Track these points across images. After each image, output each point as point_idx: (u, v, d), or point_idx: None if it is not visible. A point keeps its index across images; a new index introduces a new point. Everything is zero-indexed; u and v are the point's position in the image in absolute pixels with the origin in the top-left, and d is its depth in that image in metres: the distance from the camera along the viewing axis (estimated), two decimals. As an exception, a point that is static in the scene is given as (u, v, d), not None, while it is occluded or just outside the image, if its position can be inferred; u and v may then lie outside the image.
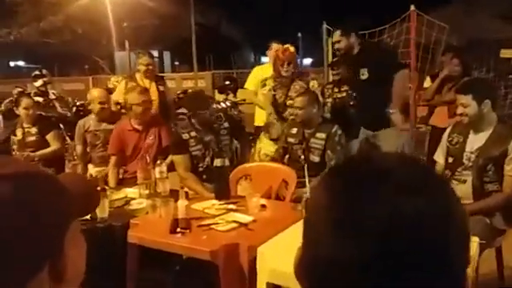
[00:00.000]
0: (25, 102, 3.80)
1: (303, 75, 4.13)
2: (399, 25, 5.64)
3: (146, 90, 3.57)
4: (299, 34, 7.63)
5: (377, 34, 5.86)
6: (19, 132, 3.78)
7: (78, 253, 0.61)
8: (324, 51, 6.38)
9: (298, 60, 4.50)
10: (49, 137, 3.81)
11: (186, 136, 3.04)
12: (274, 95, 3.98)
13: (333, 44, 3.77)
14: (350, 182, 0.52)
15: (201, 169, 3.04)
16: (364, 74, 3.65)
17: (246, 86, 4.69)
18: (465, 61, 4.29)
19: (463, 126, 2.58)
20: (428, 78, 4.57)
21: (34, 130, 3.77)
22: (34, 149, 3.72)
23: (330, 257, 0.49)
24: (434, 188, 0.52)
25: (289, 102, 3.91)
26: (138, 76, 4.27)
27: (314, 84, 4.07)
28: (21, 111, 3.76)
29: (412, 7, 5.01)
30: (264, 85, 4.06)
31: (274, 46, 4.38)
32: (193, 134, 3.04)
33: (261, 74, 4.36)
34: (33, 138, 3.76)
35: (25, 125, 3.79)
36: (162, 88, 4.33)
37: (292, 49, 3.95)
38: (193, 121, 3.11)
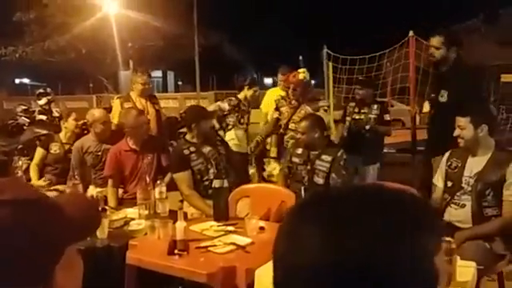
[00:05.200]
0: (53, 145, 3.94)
1: (314, 101, 4.15)
2: (398, 50, 5.73)
3: (142, 112, 3.60)
4: (300, 57, 7.77)
5: (377, 58, 5.96)
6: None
7: (73, 275, 0.62)
8: (324, 74, 6.46)
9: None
10: None
11: (186, 152, 3.08)
12: (278, 119, 4.06)
13: (427, 47, 3.38)
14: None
15: (206, 183, 3.06)
16: (443, 96, 3.33)
17: (261, 107, 4.83)
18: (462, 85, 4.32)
19: (462, 151, 2.60)
20: (427, 103, 4.61)
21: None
22: None
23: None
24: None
25: (291, 126, 3.96)
26: (133, 95, 4.25)
27: (324, 106, 4.05)
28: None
29: (411, 33, 5.10)
30: (278, 106, 4.15)
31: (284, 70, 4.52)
32: (192, 149, 3.09)
33: (274, 95, 4.47)
34: None
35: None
36: (157, 107, 4.36)
37: (301, 75, 4.00)
38: (187, 136, 3.17)
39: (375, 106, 4.33)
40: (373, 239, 0.48)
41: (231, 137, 4.41)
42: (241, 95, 4.56)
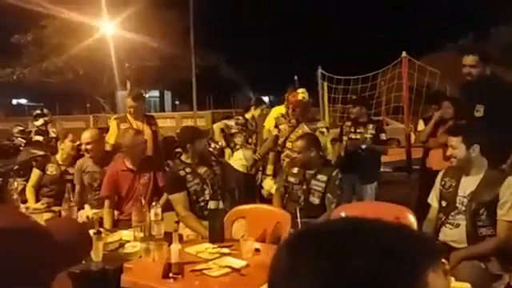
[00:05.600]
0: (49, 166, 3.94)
1: (313, 121, 4.17)
2: (392, 70, 5.82)
3: (139, 132, 3.62)
4: (295, 77, 7.87)
5: (370, 78, 6.05)
6: None
7: None
8: (319, 94, 6.53)
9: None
10: None
11: (182, 173, 3.08)
12: (277, 137, 4.10)
13: (463, 65, 3.35)
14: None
15: (202, 203, 3.06)
16: (479, 111, 3.29)
17: (264, 124, 4.89)
18: (457, 104, 4.39)
19: (455, 170, 2.62)
20: (421, 121, 4.66)
21: None
22: None
23: None
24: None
25: (288, 144, 3.99)
26: (129, 116, 4.28)
27: (322, 128, 4.04)
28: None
29: (404, 53, 5.19)
30: (277, 124, 4.19)
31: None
32: (188, 169, 3.09)
33: (277, 113, 4.51)
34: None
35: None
36: (154, 127, 4.38)
37: (300, 96, 4.03)
38: (182, 157, 3.18)
39: (371, 126, 4.39)
40: (370, 274, 0.49)
41: (239, 157, 4.41)
42: (248, 115, 4.57)
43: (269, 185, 4.17)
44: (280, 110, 4.72)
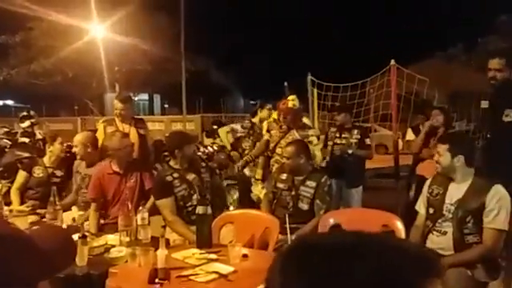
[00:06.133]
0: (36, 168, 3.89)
1: (305, 128, 4.17)
2: (380, 78, 5.87)
3: (126, 135, 3.59)
4: (285, 83, 7.91)
5: (359, 85, 6.10)
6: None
7: None
8: (309, 100, 6.56)
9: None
10: None
11: (169, 178, 3.06)
12: (268, 141, 4.10)
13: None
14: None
15: (189, 208, 3.04)
16: (508, 116, 3.20)
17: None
18: (445, 112, 4.43)
19: (443, 178, 2.64)
20: (409, 130, 4.69)
21: None
22: None
23: None
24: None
25: (278, 150, 3.99)
26: (117, 120, 4.23)
27: (312, 136, 4.05)
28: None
29: (392, 61, 5.24)
30: (269, 129, 4.19)
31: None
32: (175, 175, 3.07)
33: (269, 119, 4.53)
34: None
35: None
36: (142, 131, 4.33)
37: (290, 103, 4.05)
38: (171, 162, 3.16)
39: (355, 131, 4.46)
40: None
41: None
42: (255, 119, 4.53)
43: (257, 189, 4.16)
44: (274, 114, 4.73)
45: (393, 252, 0.53)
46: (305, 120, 4.29)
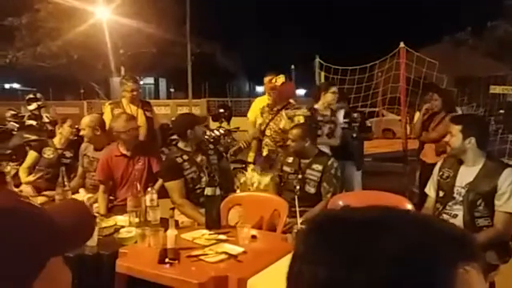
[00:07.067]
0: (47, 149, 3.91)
1: (291, 105, 4.06)
2: (389, 60, 5.79)
3: (132, 117, 3.58)
4: (292, 66, 7.83)
5: (368, 68, 6.02)
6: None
7: (58, 286, 0.59)
8: (316, 83, 6.49)
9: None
10: None
11: (179, 160, 3.05)
12: (260, 125, 4.06)
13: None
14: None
15: (198, 191, 3.03)
16: None
17: (248, 116, 4.80)
18: (444, 95, 4.38)
19: (453, 160, 2.61)
20: (418, 113, 4.66)
21: None
22: None
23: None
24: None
25: (267, 132, 3.94)
26: (124, 102, 4.24)
27: (299, 116, 3.93)
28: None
29: (401, 44, 5.16)
30: (262, 113, 4.12)
31: (268, 76, 4.45)
32: (185, 157, 3.07)
33: (260, 104, 4.44)
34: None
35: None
36: (148, 114, 4.32)
37: (280, 79, 3.97)
38: (180, 144, 3.15)
39: (355, 115, 4.56)
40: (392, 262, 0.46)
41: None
42: (319, 104, 4.19)
43: (251, 175, 4.08)
44: (263, 99, 4.64)
45: (424, 228, 0.49)
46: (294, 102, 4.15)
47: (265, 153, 3.95)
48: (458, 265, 0.47)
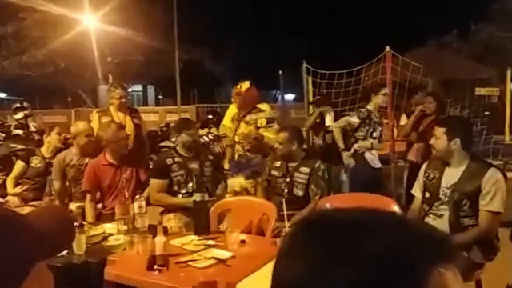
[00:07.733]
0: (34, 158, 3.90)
1: (256, 110, 4.02)
2: (375, 65, 5.86)
3: (122, 127, 3.56)
4: (280, 72, 7.88)
5: (355, 72, 6.08)
6: None
7: None
8: (304, 88, 6.54)
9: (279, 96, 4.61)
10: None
11: (169, 161, 3.12)
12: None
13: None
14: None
15: (180, 195, 3.09)
16: None
17: (223, 123, 4.79)
18: (439, 99, 4.46)
19: (438, 162, 2.65)
20: (404, 116, 4.72)
21: None
22: None
23: None
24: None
25: (236, 138, 3.95)
26: (112, 109, 4.22)
27: (261, 119, 3.94)
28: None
29: (387, 48, 5.23)
30: (232, 120, 4.15)
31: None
32: (177, 159, 3.10)
33: (233, 111, 4.43)
34: None
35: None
36: (136, 121, 4.31)
37: (244, 86, 3.97)
38: (178, 147, 3.19)
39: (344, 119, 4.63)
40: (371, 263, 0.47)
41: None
42: (370, 105, 4.19)
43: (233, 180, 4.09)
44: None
45: (404, 230, 0.50)
46: (263, 106, 4.12)
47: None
48: (436, 266, 0.48)
